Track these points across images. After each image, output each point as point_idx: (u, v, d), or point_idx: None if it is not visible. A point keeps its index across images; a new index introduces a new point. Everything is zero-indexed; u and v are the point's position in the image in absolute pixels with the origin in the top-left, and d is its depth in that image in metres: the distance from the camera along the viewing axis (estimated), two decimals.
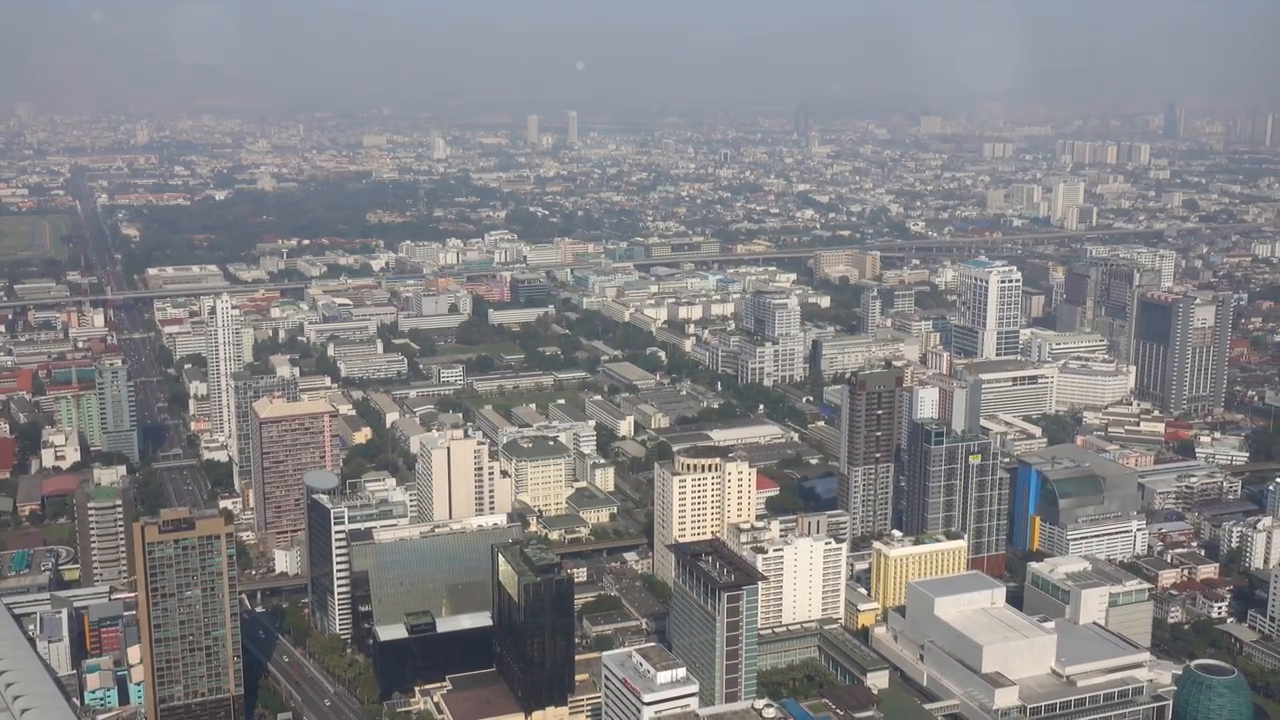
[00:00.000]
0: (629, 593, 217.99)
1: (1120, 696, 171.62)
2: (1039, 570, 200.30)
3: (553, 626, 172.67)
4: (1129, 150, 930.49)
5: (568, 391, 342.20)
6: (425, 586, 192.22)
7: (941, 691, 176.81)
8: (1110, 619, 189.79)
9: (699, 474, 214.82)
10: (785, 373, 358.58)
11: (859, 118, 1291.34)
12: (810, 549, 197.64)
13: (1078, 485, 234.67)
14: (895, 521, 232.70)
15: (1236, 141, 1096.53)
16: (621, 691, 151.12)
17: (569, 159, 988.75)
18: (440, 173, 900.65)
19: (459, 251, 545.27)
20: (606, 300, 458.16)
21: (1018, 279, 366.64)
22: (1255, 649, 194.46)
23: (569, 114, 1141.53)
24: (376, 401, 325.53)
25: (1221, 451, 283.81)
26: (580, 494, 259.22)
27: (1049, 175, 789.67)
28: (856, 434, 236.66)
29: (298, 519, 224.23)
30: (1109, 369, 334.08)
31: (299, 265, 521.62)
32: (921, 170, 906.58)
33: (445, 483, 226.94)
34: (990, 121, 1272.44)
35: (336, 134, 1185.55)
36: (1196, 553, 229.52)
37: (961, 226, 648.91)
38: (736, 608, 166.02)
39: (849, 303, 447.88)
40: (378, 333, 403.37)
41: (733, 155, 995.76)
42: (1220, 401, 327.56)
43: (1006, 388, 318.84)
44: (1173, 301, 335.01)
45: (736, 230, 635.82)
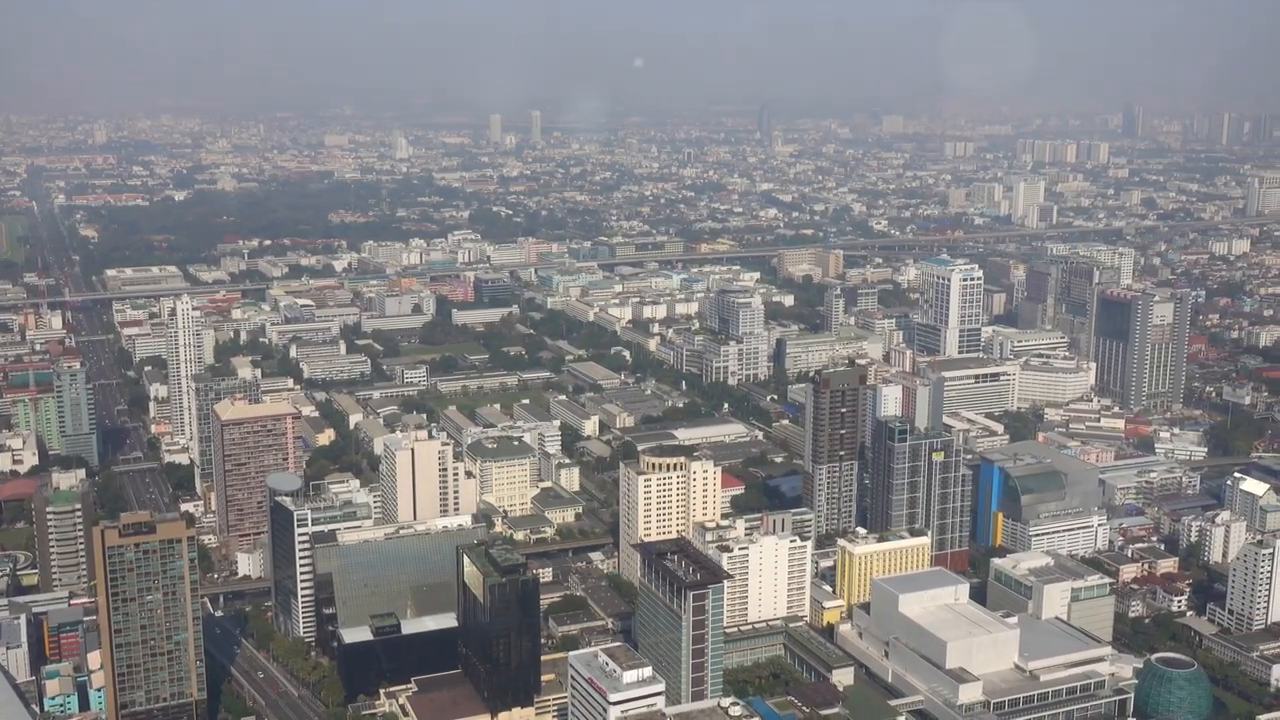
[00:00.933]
0: (595, 592, 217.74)
1: (1083, 690, 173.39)
2: (1002, 566, 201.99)
3: (518, 627, 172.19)
4: (1088, 149, 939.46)
5: (532, 391, 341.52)
6: (390, 588, 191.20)
7: (906, 688, 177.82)
8: (1072, 614, 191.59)
9: (664, 473, 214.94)
10: (749, 371, 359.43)
11: (821, 117, 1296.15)
12: (775, 547, 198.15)
13: (1039, 481, 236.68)
14: (860, 519, 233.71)
15: (1194, 140, 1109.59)
16: (587, 691, 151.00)
17: (532, 158, 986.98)
18: (403, 172, 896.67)
19: (422, 251, 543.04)
20: (571, 300, 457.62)
21: (979, 277, 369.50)
22: (1214, 642, 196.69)
23: (532, 113, 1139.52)
24: (339, 403, 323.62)
25: (1180, 447, 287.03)
26: (545, 494, 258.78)
27: (1010, 174, 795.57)
28: (821, 432, 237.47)
29: (260, 522, 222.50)
30: (1070, 366, 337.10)
31: (260, 266, 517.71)
32: (884, 169, 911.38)
33: (409, 484, 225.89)
34: (951, 121, 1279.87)
35: (298, 134, 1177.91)
36: (1156, 547, 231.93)
37: (923, 225, 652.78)
38: (702, 606, 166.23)
39: (812, 301, 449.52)
40: (340, 333, 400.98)
41: (696, 155, 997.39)
42: (1179, 397, 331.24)
43: (969, 385, 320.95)
44: (1132, 299, 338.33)
45: (700, 229, 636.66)
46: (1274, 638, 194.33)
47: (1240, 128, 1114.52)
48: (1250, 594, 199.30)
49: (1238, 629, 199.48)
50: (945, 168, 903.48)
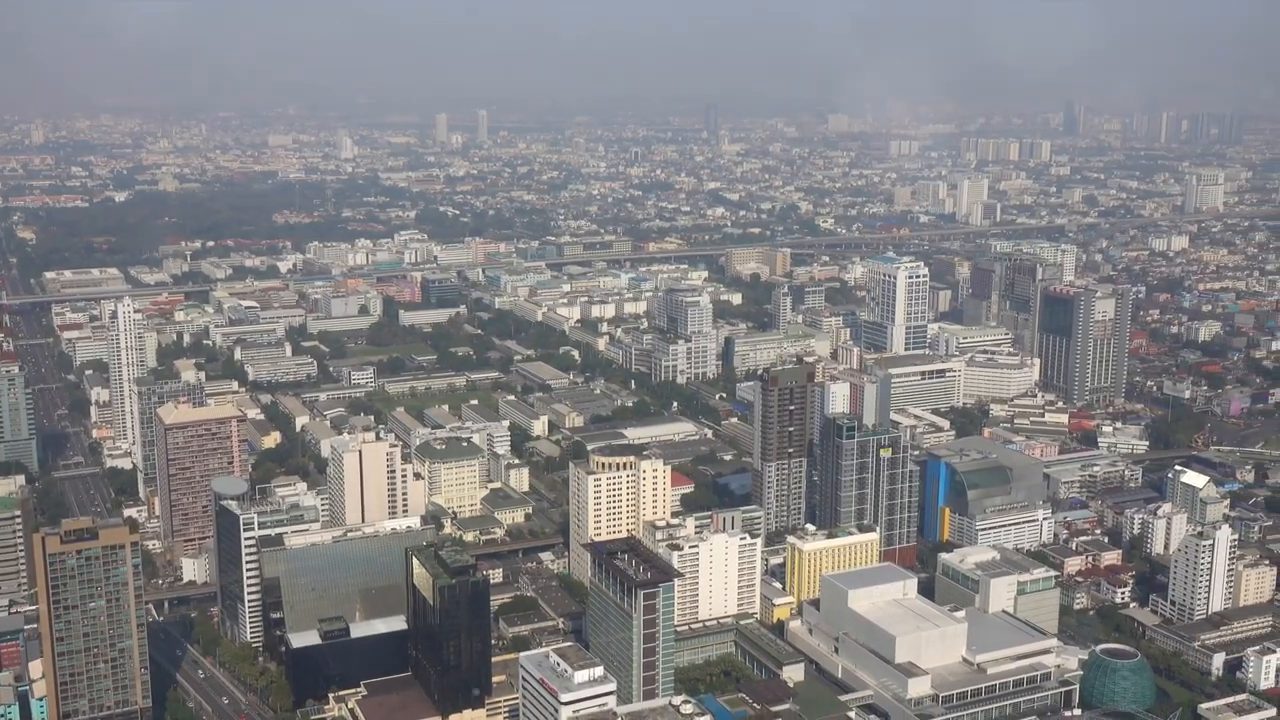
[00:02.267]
0: (545, 593, 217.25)
1: (1029, 682, 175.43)
2: (949, 560, 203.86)
3: (469, 628, 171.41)
4: (1030, 147, 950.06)
5: (481, 392, 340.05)
6: (338, 592, 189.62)
7: (856, 683, 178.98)
8: (1019, 607, 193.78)
9: (614, 472, 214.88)
10: (698, 370, 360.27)
11: (768, 116, 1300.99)
12: (725, 545, 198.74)
13: (985, 476, 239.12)
14: (809, 516, 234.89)
15: (1133, 139, 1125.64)
16: (539, 692, 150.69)
17: (479, 158, 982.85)
18: (348, 172, 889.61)
19: (368, 252, 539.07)
20: (519, 300, 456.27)
21: (925, 274, 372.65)
22: (1157, 632, 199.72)
23: (479, 112, 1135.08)
24: (286, 405, 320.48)
25: (1123, 441, 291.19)
26: (495, 495, 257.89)
27: (954, 172, 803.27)
28: (769, 430, 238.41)
29: (206, 526, 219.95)
30: (1014, 362, 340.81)
31: (203, 267, 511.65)
32: (830, 168, 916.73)
33: (357, 486, 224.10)
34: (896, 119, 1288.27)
35: (240, 133, 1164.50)
36: (1100, 540, 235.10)
37: (869, 223, 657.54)
38: (653, 605, 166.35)
39: (760, 299, 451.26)
40: (286, 335, 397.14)
41: (643, 154, 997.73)
42: (1121, 392, 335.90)
43: (915, 382, 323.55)
44: (1074, 295, 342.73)
45: (648, 228, 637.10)
46: (1215, 627, 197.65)
47: (1178, 126, 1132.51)
48: (1191, 585, 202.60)
49: (1179, 619, 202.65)
50: (890, 166, 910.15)
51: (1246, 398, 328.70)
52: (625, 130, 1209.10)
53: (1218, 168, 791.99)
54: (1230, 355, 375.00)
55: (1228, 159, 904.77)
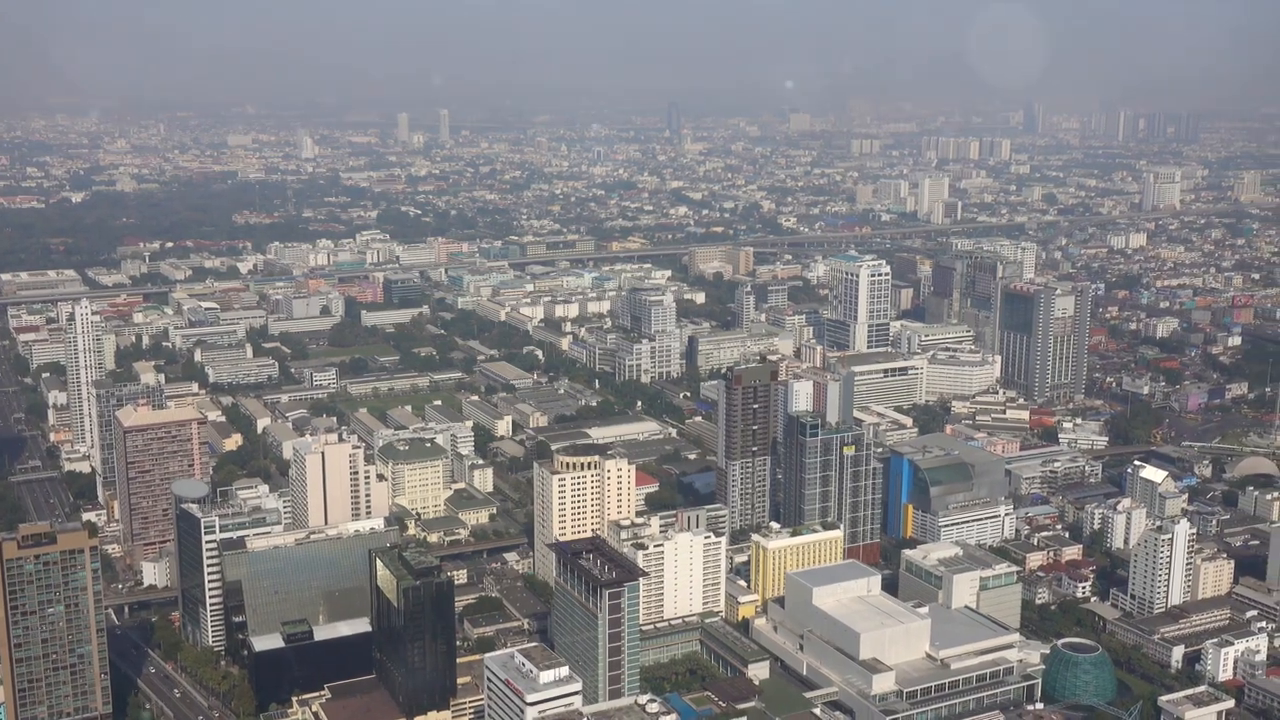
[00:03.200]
0: (510, 593, 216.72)
1: (992, 677, 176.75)
2: (912, 557, 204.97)
3: (433, 630, 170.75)
4: (991, 146, 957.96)
5: (444, 392, 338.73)
6: (301, 594, 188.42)
7: (821, 679, 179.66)
8: (981, 602, 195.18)
9: (578, 472, 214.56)
10: (662, 369, 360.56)
11: (730, 115, 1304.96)
12: (690, 543, 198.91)
13: (948, 473, 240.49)
14: (773, 514, 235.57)
15: (1091, 137, 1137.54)
16: (504, 693, 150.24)
17: (441, 158, 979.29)
18: (309, 172, 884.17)
19: (330, 252, 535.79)
20: (482, 300, 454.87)
21: (887, 273, 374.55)
22: (1117, 626, 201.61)
23: (440, 112, 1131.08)
24: (247, 407, 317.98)
25: (1083, 437, 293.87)
26: (459, 495, 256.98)
27: (915, 171, 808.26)
28: (733, 428, 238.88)
29: (166, 529, 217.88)
30: (975, 359, 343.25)
31: (162, 268, 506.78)
32: (792, 167, 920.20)
33: (320, 488, 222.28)
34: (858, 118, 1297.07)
35: (199, 133, 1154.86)
36: (1061, 535, 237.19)
37: (832, 221, 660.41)
38: (618, 604, 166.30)
39: (723, 298, 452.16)
40: (247, 336, 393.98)
41: (606, 153, 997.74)
42: (1080, 388, 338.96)
43: (878, 379, 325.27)
44: (1034, 292, 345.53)
45: (611, 228, 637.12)
46: (1174, 621, 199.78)
47: (1135, 125, 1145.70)
48: (1151, 579, 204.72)
49: (1139, 613, 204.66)
50: (852, 165, 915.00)
51: (1204, 393, 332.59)
52: (588, 129, 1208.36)
53: (1174, 166, 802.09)
54: (1188, 351, 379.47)
55: (1184, 157, 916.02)
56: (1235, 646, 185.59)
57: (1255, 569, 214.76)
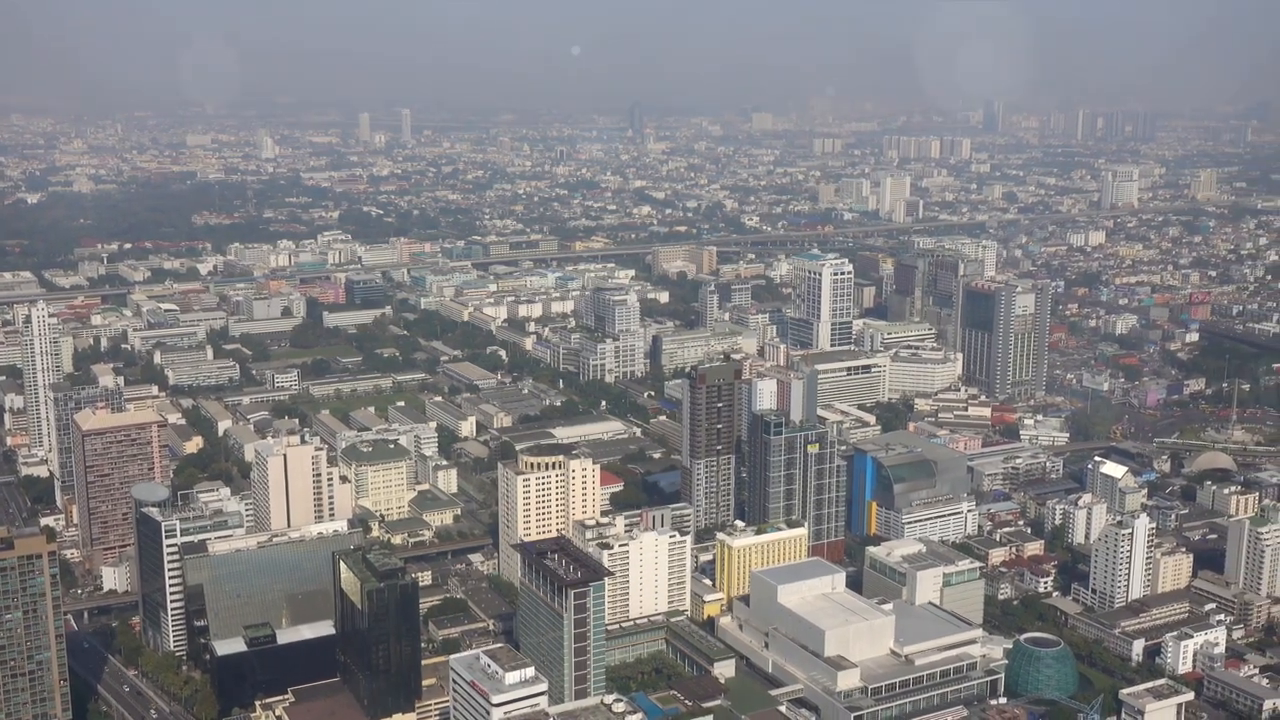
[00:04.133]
0: (475, 594, 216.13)
1: (956, 672, 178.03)
2: (876, 554, 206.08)
3: (398, 632, 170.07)
4: (951, 145, 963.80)
5: (407, 393, 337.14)
6: (264, 598, 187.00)
7: (786, 677, 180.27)
8: (945, 598, 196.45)
9: (543, 472, 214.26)
10: (626, 368, 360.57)
11: (692, 114, 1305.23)
12: (655, 543, 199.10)
13: (911, 470, 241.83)
14: (738, 512, 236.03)
15: (1051, 136, 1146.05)
16: (469, 694, 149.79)
17: (403, 157, 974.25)
18: (269, 172, 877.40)
19: (291, 253, 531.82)
20: (445, 300, 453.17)
21: (849, 271, 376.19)
22: (1079, 621, 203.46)
23: (402, 111, 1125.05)
24: (208, 409, 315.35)
25: (1044, 433, 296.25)
26: (423, 497, 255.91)
27: (877, 170, 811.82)
28: (698, 427, 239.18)
29: (126, 534, 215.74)
30: (937, 357, 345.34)
31: (121, 270, 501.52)
32: (754, 166, 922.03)
33: (282, 490, 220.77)
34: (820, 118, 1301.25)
35: (157, 133, 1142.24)
36: (1023, 531, 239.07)
37: (794, 220, 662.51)
38: (584, 604, 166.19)
39: (687, 297, 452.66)
40: (207, 338, 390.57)
41: (569, 153, 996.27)
42: (1041, 385, 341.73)
43: (841, 377, 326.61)
44: (995, 290, 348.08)
45: (574, 227, 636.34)
46: (1134, 614, 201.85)
47: (1094, 124, 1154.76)
48: (1111, 573, 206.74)
49: (1101, 607, 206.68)
50: (814, 164, 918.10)
51: (1162, 389, 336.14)
52: (550, 129, 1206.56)
53: (1132, 164, 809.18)
54: (1146, 348, 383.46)
55: (1142, 156, 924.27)
56: (1194, 639, 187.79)
57: (1213, 563, 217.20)
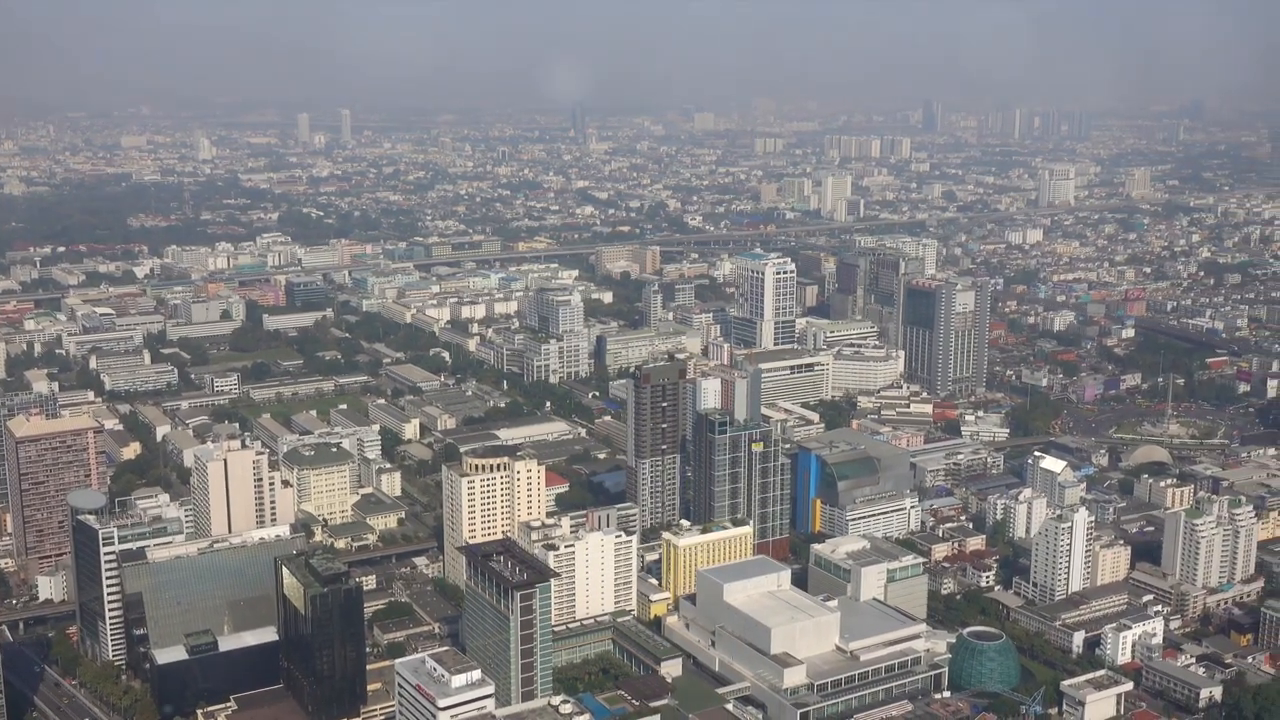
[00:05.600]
0: (420, 598, 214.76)
1: (900, 667, 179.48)
2: (821, 551, 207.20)
3: (342, 637, 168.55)
4: (891, 144, 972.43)
5: (349, 396, 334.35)
6: (205, 604, 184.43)
7: (733, 675, 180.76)
8: (889, 594, 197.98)
9: (487, 474, 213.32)
10: (571, 369, 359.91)
11: (634, 114, 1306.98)
12: (601, 543, 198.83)
13: (854, 467, 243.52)
14: (683, 511, 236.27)
15: (989, 135, 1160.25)
16: (415, 698, 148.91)
17: (343, 158, 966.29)
18: (206, 174, 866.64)
19: (229, 255, 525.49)
20: (387, 302, 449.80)
21: (792, 270, 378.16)
22: (1020, 614, 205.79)
23: (342, 112, 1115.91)
24: (145, 414, 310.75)
25: (984, 429, 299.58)
26: (366, 500, 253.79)
27: (818, 169, 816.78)
28: (643, 427, 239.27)
29: (62, 542, 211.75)
30: (880, 355, 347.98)
31: (54, 274, 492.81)
32: (697, 165, 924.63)
33: (223, 496, 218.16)
34: (761, 118, 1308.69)
35: (91, 134, 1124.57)
36: (965, 526, 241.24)
37: (737, 220, 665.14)
38: (530, 606, 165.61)
39: (631, 297, 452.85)
40: (144, 342, 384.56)
41: (511, 153, 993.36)
42: (981, 381, 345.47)
43: (785, 376, 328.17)
44: (936, 288, 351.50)
45: (517, 228, 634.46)
46: (1074, 607, 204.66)
47: (1031, 123, 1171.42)
48: (1052, 566, 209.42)
49: (1041, 600, 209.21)
50: (756, 164, 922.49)
51: (1100, 384, 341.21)
52: (492, 129, 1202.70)
53: (1069, 163, 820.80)
54: (1084, 344, 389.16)
55: (1078, 154, 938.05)
56: (1133, 630, 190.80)
57: (1151, 554, 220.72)
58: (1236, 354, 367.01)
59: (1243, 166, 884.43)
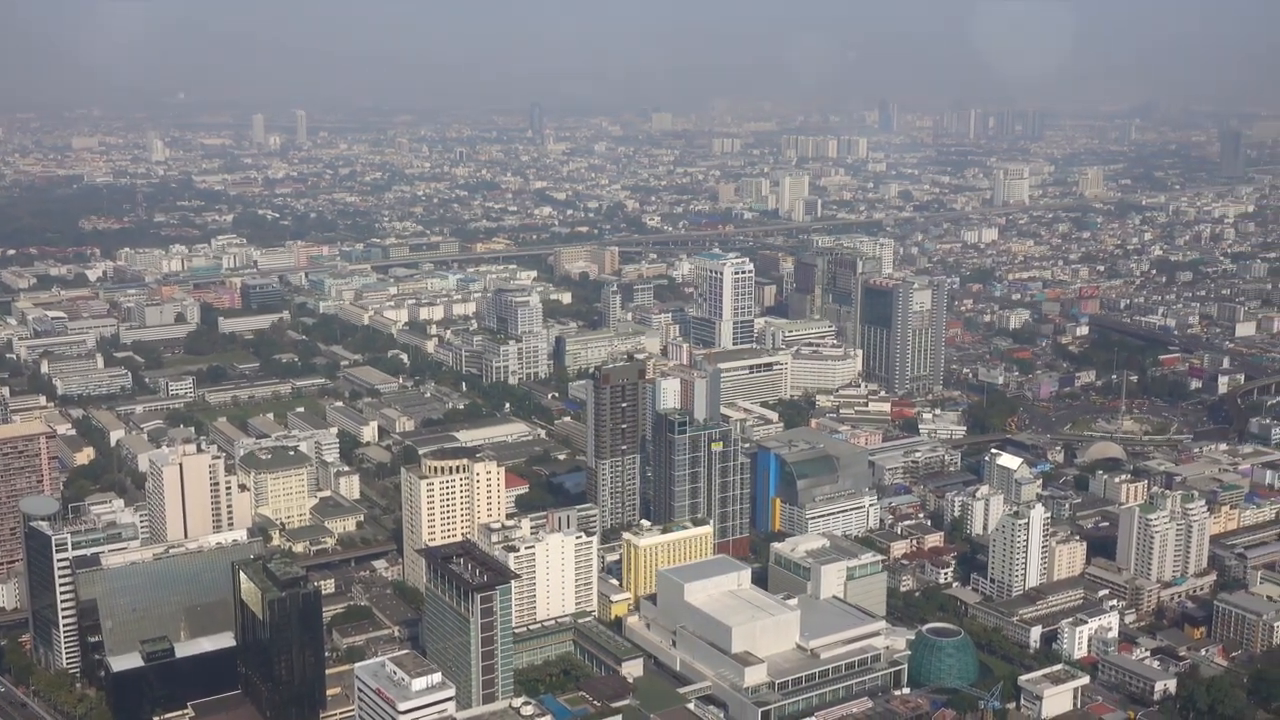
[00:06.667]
0: (380, 601, 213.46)
1: (860, 664, 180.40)
2: (781, 550, 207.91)
3: (300, 641, 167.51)
4: (848, 144, 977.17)
5: (307, 399, 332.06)
6: (161, 611, 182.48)
7: (694, 675, 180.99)
8: (849, 591, 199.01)
9: (447, 476, 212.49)
10: (530, 370, 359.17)
11: (592, 114, 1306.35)
12: (561, 544, 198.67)
13: (813, 466, 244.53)
14: (643, 511, 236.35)
15: (944, 135, 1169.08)
16: (375, 702, 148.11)
17: (299, 159, 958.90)
18: (160, 175, 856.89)
19: (184, 258, 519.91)
20: (344, 304, 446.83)
21: (750, 270, 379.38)
22: (978, 610, 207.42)
23: (297, 113, 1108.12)
24: (99, 419, 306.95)
25: (942, 427, 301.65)
26: (324, 503, 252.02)
27: (776, 169, 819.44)
28: (602, 427, 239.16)
29: (15, 549, 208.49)
30: (838, 354, 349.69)
31: (4, 277, 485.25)
32: (655, 166, 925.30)
33: (179, 501, 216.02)
34: (719, 118, 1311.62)
35: (41, 136, 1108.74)
36: (923, 523, 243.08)
37: (695, 220, 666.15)
38: (490, 608, 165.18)
39: (590, 298, 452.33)
40: (97, 346, 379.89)
41: (468, 153, 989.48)
42: (939, 380, 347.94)
43: (744, 375, 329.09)
44: (893, 287, 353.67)
45: (475, 229, 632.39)
46: (1031, 602, 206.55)
47: (985, 123, 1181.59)
48: (1009, 562, 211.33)
49: (999, 596, 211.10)
50: (714, 164, 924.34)
51: (1055, 382, 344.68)
52: (449, 130, 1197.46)
53: (1023, 163, 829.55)
54: (1039, 342, 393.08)
55: (1031, 154, 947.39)
56: (1089, 625, 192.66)
57: (1106, 549, 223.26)
58: (1188, 351, 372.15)
59: (1193, 166, 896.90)
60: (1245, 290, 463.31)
